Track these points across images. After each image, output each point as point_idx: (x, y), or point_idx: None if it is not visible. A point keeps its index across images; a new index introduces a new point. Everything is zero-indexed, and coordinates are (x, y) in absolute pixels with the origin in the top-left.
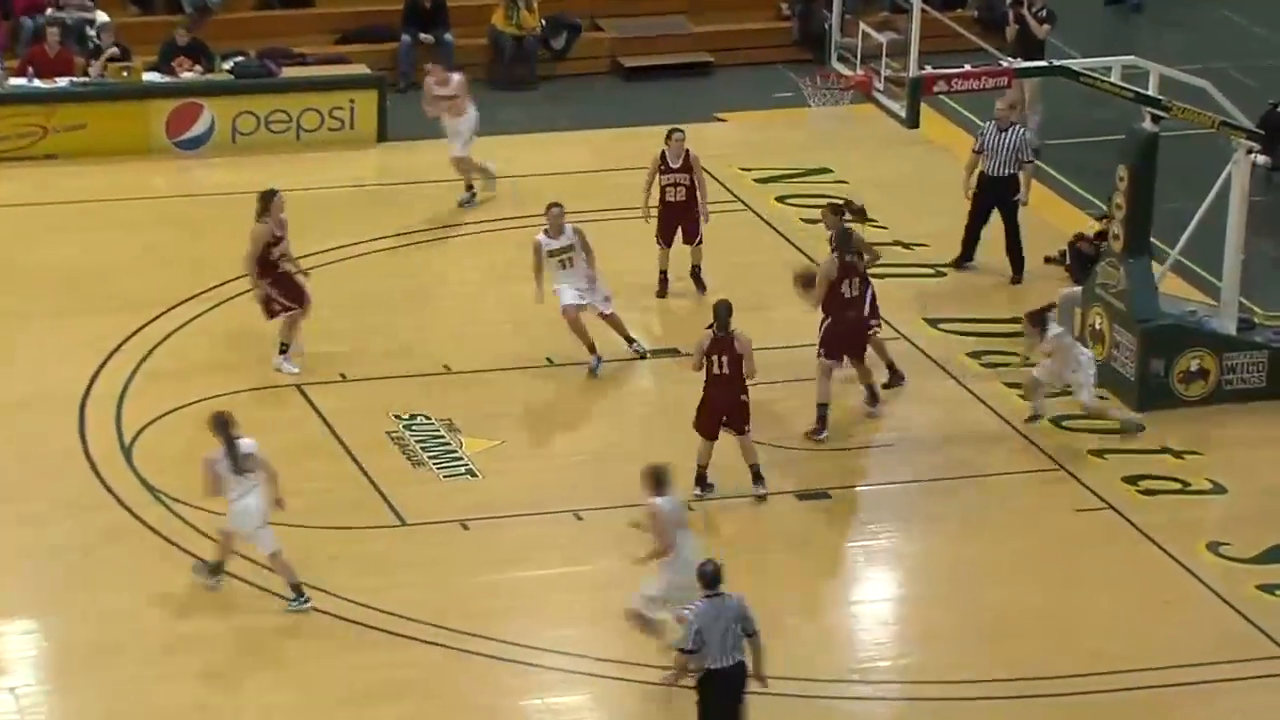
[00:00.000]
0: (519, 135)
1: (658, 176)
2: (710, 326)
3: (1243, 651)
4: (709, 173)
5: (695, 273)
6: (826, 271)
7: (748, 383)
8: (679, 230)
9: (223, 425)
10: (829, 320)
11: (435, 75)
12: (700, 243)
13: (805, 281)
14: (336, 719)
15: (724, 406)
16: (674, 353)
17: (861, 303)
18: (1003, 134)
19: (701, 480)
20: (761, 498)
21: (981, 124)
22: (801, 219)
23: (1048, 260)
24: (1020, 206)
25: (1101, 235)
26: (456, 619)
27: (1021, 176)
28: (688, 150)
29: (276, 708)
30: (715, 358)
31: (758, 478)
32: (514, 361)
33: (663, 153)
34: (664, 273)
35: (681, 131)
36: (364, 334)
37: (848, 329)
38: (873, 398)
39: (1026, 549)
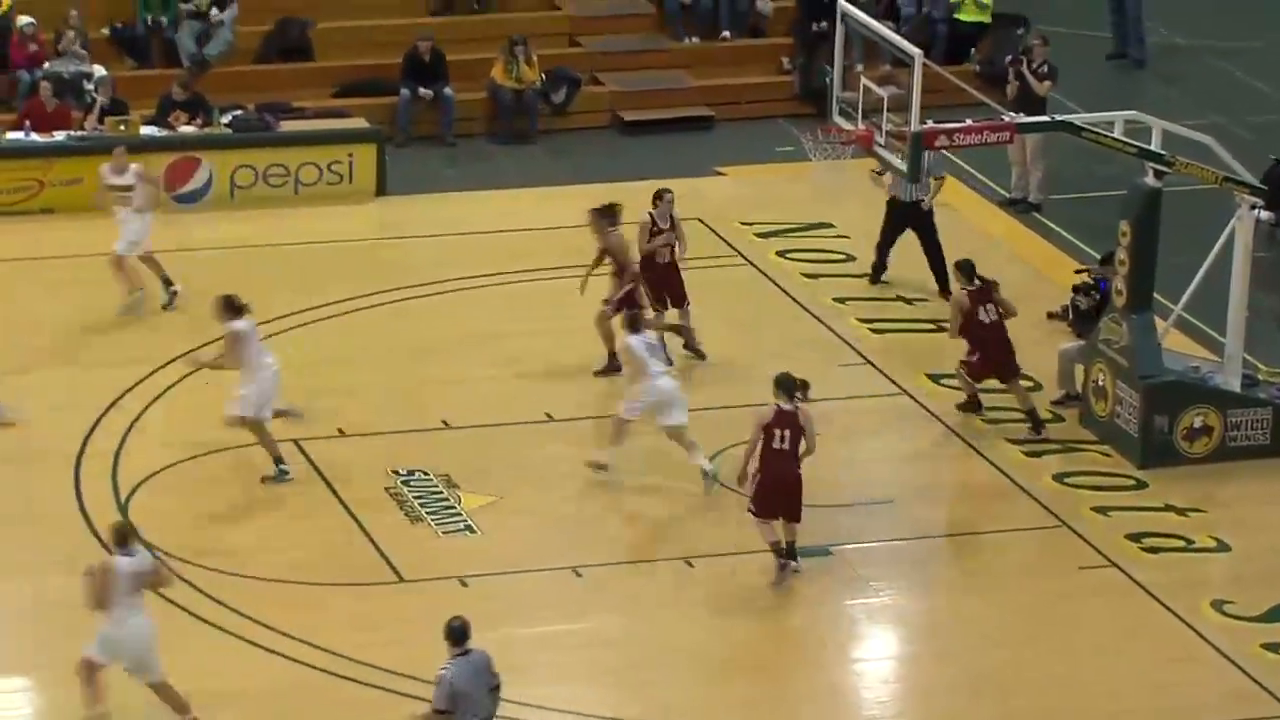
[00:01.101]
0: (518, 190)
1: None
2: (792, 398)
3: (1248, 710)
4: (710, 227)
5: (690, 339)
6: (959, 302)
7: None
8: (667, 294)
9: (121, 538)
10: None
11: (113, 160)
12: (688, 305)
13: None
14: None
15: (785, 485)
16: None
17: (1002, 329)
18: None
19: (781, 553)
20: (790, 570)
21: (986, 179)
22: (803, 274)
23: (1050, 316)
24: (924, 210)
25: (1085, 287)
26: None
27: (931, 183)
28: (674, 213)
29: None
30: (778, 431)
31: (793, 554)
32: (512, 417)
33: (651, 215)
34: (671, 330)
35: (670, 192)
36: (362, 389)
37: (995, 349)
38: (1037, 425)
39: (1028, 606)
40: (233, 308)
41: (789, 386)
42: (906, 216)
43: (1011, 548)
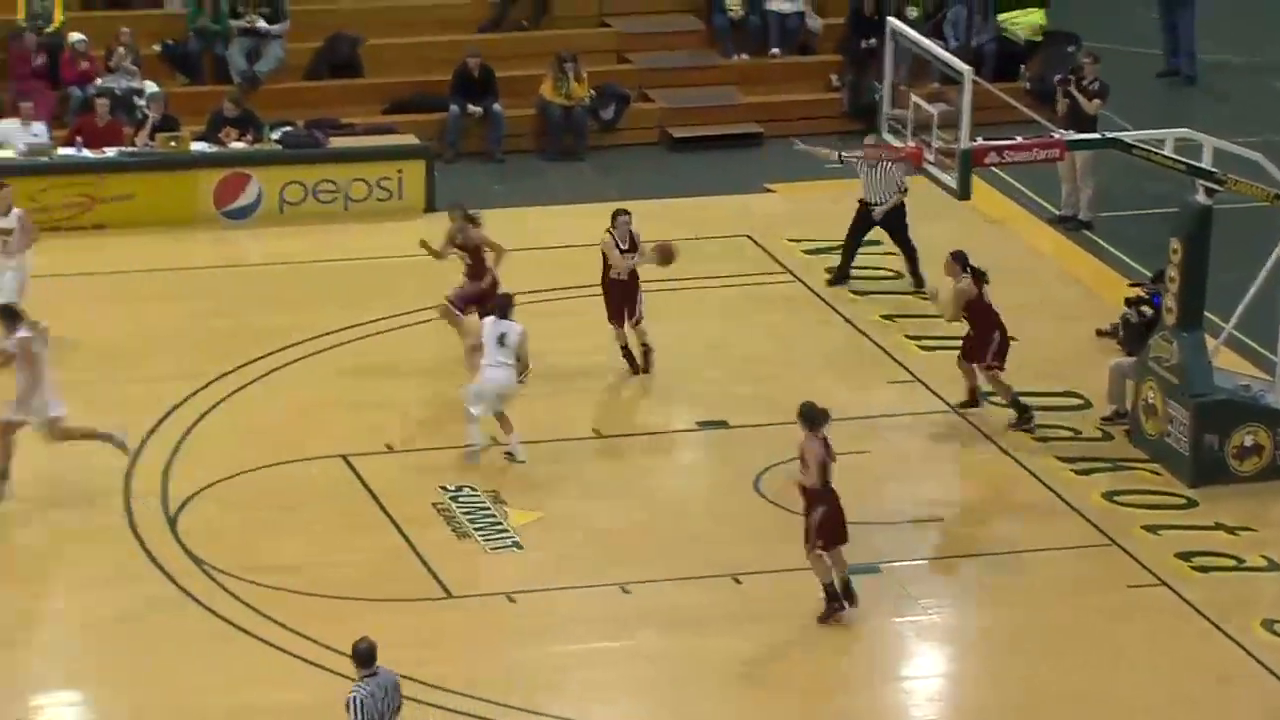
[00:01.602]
0: (566, 205)
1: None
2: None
3: None
4: (758, 243)
5: (646, 353)
6: (964, 291)
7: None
8: (626, 309)
9: None
10: (996, 331)
11: None
12: (640, 322)
13: (662, 255)
14: None
15: (841, 512)
16: (722, 424)
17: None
18: (873, 169)
19: (837, 596)
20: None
21: (1035, 197)
22: (851, 291)
23: (1099, 334)
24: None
25: (1138, 300)
26: (498, 691)
27: (892, 199)
28: (633, 231)
29: None
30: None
31: (850, 596)
32: (559, 433)
33: (611, 234)
34: (626, 348)
35: (628, 214)
36: (411, 404)
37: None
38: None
39: (1077, 625)
40: (12, 316)
41: (820, 417)
42: (869, 219)
43: (1060, 566)
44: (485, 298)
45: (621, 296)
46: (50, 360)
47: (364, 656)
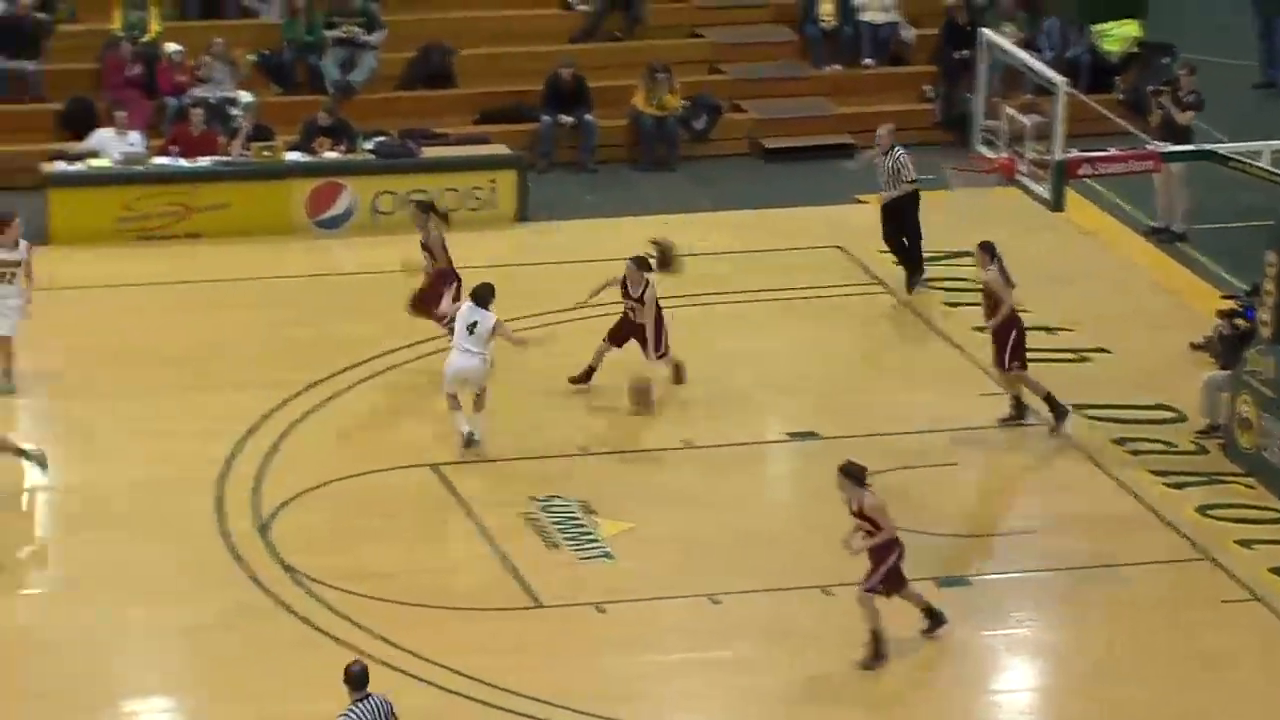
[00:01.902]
0: (659, 215)
1: (612, 290)
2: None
3: None
4: (850, 254)
5: (679, 373)
6: (1003, 286)
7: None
8: (631, 340)
9: None
10: (1014, 330)
11: (4, 232)
12: (664, 355)
13: (638, 396)
14: None
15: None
16: (813, 435)
17: None
18: (884, 158)
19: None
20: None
21: (1129, 209)
22: (944, 303)
23: (1193, 347)
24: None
25: (1231, 312)
26: (587, 702)
27: (900, 189)
28: (649, 283)
29: None
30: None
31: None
32: (649, 444)
33: (625, 279)
34: (593, 368)
35: (637, 262)
36: (500, 414)
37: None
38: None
39: (1168, 639)
40: None
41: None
42: (890, 213)
43: (1152, 580)
44: (445, 279)
45: (627, 327)
46: (144, 367)
47: (356, 680)
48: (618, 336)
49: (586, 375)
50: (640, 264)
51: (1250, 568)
